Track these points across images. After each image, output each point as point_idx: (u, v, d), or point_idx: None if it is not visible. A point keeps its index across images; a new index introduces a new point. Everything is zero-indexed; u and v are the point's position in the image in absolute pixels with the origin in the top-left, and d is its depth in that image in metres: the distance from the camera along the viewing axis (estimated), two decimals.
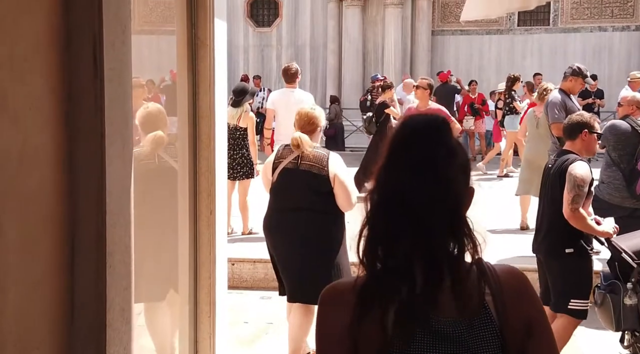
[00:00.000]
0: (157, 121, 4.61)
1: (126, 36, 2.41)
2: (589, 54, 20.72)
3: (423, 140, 1.64)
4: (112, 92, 2.29)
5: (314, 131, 4.99)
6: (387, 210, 1.62)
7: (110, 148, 2.28)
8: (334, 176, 4.76)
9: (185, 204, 4.09)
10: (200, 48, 4.04)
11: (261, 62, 22.78)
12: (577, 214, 4.69)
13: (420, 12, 21.12)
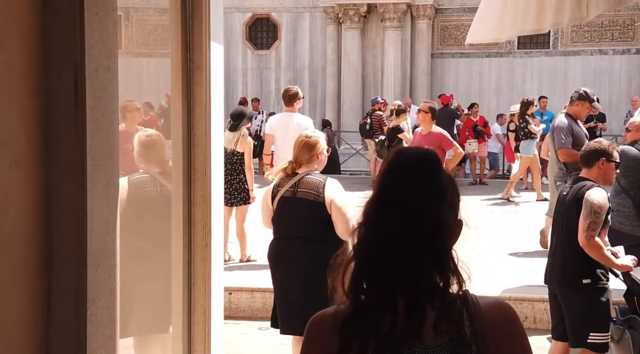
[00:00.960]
0: (159, 147, 4.43)
1: (112, 62, 2.21)
2: (589, 77, 20.60)
3: (412, 178, 1.67)
4: (95, 123, 2.09)
5: (311, 158, 4.79)
6: (373, 245, 1.64)
7: (92, 184, 2.07)
8: (330, 202, 4.57)
9: (180, 236, 3.87)
10: (196, 72, 3.85)
11: (260, 84, 22.65)
12: (593, 243, 4.49)
13: (419, 35, 21.03)
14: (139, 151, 4.33)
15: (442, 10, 21.45)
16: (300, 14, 22.27)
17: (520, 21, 3.19)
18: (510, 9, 3.51)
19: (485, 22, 4.22)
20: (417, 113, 8.86)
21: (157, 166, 4.36)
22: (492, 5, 4.05)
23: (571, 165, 7.25)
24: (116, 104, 2.24)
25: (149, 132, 4.41)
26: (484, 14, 4.31)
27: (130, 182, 4.33)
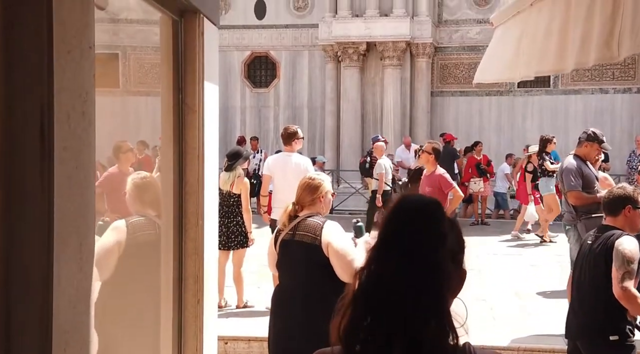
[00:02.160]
0: (153, 189, 4.16)
1: (88, 107, 1.94)
2: (590, 115, 20.45)
3: (412, 225, 1.68)
4: (65, 177, 1.81)
5: (314, 201, 4.56)
6: (371, 291, 1.65)
7: (61, 248, 1.79)
8: (327, 245, 4.34)
9: (169, 291, 3.57)
10: (188, 114, 3.58)
11: (258, 123, 22.49)
12: (629, 293, 4.19)
13: (419, 73, 20.91)
14: (134, 194, 4.05)
15: (442, 49, 21.37)
16: (299, 52, 22.19)
17: (538, 61, 2.96)
18: (525, 47, 3.27)
19: (497, 61, 3.98)
20: (420, 153, 8.60)
21: (152, 209, 4.08)
22: (504, 44, 3.82)
23: (581, 208, 6.98)
24: (92, 155, 1.97)
25: (143, 175, 4.14)
26: (494, 53, 4.08)
27: (128, 225, 4.04)
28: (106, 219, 3.91)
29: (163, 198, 3.59)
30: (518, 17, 3.51)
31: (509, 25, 3.75)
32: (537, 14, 3.09)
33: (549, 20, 2.84)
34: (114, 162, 5.04)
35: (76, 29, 1.86)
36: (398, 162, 18.15)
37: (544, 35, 2.88)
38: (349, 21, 20.36)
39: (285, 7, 22.20)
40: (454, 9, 21.37)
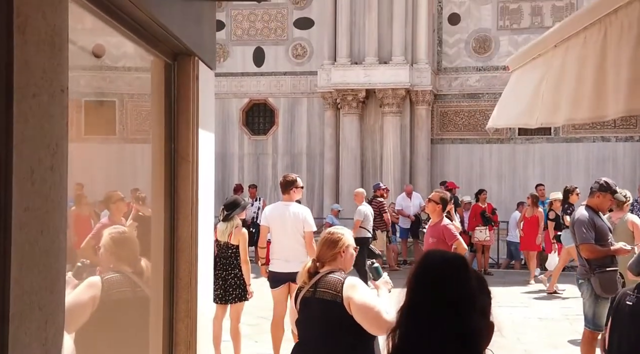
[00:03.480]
0: (131, 244, 3.85)
1: (58, 159, 1.65)
2: (592, 164, 20.24)
3: (439, 286, 1.72)
4: (27, 244, 1.51)
5: (335, 256, 4.30)
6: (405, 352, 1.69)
7: (18, 329, 1.48)
8: (348, 301, 4.09)
9: None
10: (181, 164, 3.30)
11: (256, 170, 22.24)
12: None
13: (419, 121, 20.73)
14: (110, 248, 3.73)
15: (441, 96, 21.25)
16: (297, 99, 22.07)
17: (568, 107, 2.68)
18: (547, 92, 3.01)
19: (513, 106, 3.72)
20: (426, 202, 8.31)
21: (129, 265, 3.76)
22: (521, 88, 3.56)
23: (595, 262, 6.68)
24: (63, 217, 1.67)
25: (121, 229, 3.82)
26: (510, 98, 3.82)
27: (104, 281, 3.71)
28: (86, 261, 3.59)
29: (153, 256, 3.28)
30: (539, 60, 3.27)
31: (528, 69, 3.50)
32: (562, 56, 2.85)
33: (580, 62, 2.59)
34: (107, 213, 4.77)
35: (44, 70, 1.58)
36: (398, 211, 17.88)
37: (575, 78, 2.62)
38: (348, 68, 20.26)
39: (284, 54, 22.16)
40: (453, 57, 21.32)
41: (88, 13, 2.42)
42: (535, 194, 15.62)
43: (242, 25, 22.38)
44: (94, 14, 2.43)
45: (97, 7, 2.41)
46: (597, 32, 2.42)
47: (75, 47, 2.69)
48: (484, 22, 21.03)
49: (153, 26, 2.78)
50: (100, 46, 2.92)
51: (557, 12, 20.52)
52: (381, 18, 20.23)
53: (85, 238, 3.64)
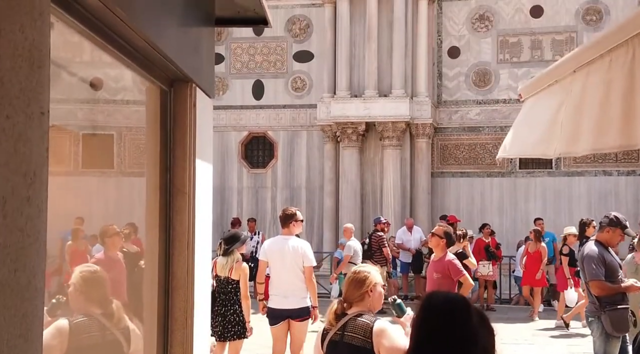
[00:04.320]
0: (102, 285, 3.63)
1: (36, 189, 1.46)
2: (594, 198, 20.07)
3: (443, 328, 1.78)
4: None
5: (362, 296, 4.14)
6: None
7: None
8: (378, 347, 3.97)
9: None
10: (177, 197, 3.12)
11: (255, 204, 22.05)
12: None
13: (419, 154, 20.61)
14: (80, 288, 3.50)
15: (442, 129, 21.15)
16: (297, 132, 21.96)
17: (592, 136, 2.51)
18: (567, 120, 2.83)
19: (526, 135, 3.54)
20: (430, 237, 8.12)
21: (99, 306, 3.53)
22: (536, 116, 3.38)
23: (605, 299, 6.47)
24: (41, 253, 1.48)
25: (92, 268, 3.61)
26: (523, 127, 3.63)
27: (72, 325, 3.47)
28: (61, 298, 3.38)
29: (145, 293, 3.08)
30: (555, 87, 3.10)
31: (543, 96, 3.33)
32: (582, 81, 2.68)
33: (605, 86, 2.42)
34: (102, 247, 4.59)
35: (20, 89, 1.40)
36: (398, 245, 17.67)
37: (599, 104, 2.45)
38: (347, 101, 20.20)
39: (283, 87, 22.11)
40: (453, 90, 21.28)
41: (82, 37, 2.25)
42: (537, 229, 15.44)
43: (241, 59, 22.36)
44: (86, 36, 2.27)
45: (91, 29, 2.25)
46: (624, 54, 2.27)
47: (74, 79, 2.54)
48: (484, 56, 21.02)
49: (148, 50, 2.62)
50: (98, 79, 2.77)
51: (557, 46, 20.53)
52: (381, 51, 20.22)
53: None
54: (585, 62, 2.67)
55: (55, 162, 2.45)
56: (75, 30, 2.17)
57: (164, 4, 2.67)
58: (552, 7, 20.58)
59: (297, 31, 21.99)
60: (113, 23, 2.26)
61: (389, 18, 20.20)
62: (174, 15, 2.86)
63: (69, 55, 2.34)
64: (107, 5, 2.15)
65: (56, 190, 2.67)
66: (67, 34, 2.21)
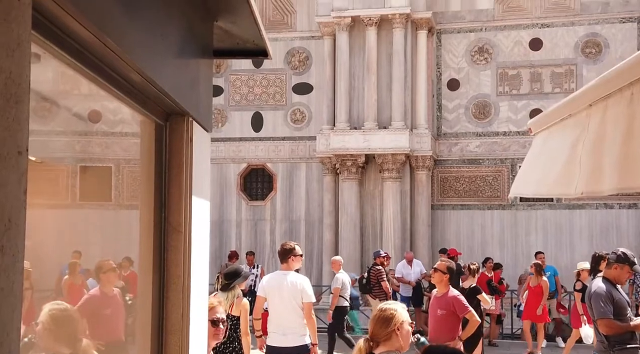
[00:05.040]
0: (72, 324, 3.44)
1: (11, 237, 1.32)
2: (596, 231, 19.90)
3: None
4: None
5: (389, 335, 3.98)
6: None
7: None
8: None
9: None
10: (172, 235, 2.97)
11: (254, 237, 21.86)
12: None
13: (419, 186, 20.48)
14: (48, 326, 3.31)
15: (442, 162, 21.06)
16: (296, 164, 21.86)
17: (616, 173, 2.36)
18: (586, 157, 2.69)
19: (541, 172, 3.38)
20: (432, 272, 7.94)
21: (67, 346, 3.35)
22: (551, 153, 3.24)
23: (614, 338, 6.28)
24: (15, 312, 1.33)
25: (62, 306, 3.42)
26: (537, 163, 3.49)
27: None
28: (32, 338, 3.20)
29: (137, 341, 2.92)
30: (569, 121, 2.96)
31: (556, 131, 3.19)
32: (601, 115, 2.54)
33: (627, 120, 2.28)
34: (97, 283, 4.43)
35: None
36: (398, 278, 17.44)
37: (622, 140, 2.30)
38: (347, 133, 20.12)
39: (282, 119, 22.06)
40: (453, 122, 21.22)
41: (71, 69, 2.12)
42: (538, 263, 15.18)
43: (240, 91, 22.34)
44: (76, 69, 2.14)
45: (82, 62, 2.11)
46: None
47: (69, 112, 2.41)
48: (483, 88, 21.00)
49: (142, 82, 2.49)
50: (96, 111, 2.65)
51: (556, 79, 20.52)
52: (380, 83, 20.20)
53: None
54: (602, 96, 2.54)
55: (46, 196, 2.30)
56: (63, 61, 2.04)
57: (159, 35, 2.55)
58: (551, 40, 20.60)
59: (297, 63, 21.99)
60: (104, 54, 2.13)
61: (388, 50, 20.22)
62: (169, 47, 2.73)
63: (56, 88, 2.21)
64: (98, 36, 2.02)
65: (52, 223, 2.53)
66: (57, 66, 2.08)
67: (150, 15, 2.41)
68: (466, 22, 21.06)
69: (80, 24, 1.89)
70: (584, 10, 20.38)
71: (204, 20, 3.22)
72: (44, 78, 2.00)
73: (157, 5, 2.48)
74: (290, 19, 22.07)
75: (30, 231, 1.50)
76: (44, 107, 2.01)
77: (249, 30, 3.35)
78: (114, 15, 2.04)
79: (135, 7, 2.22)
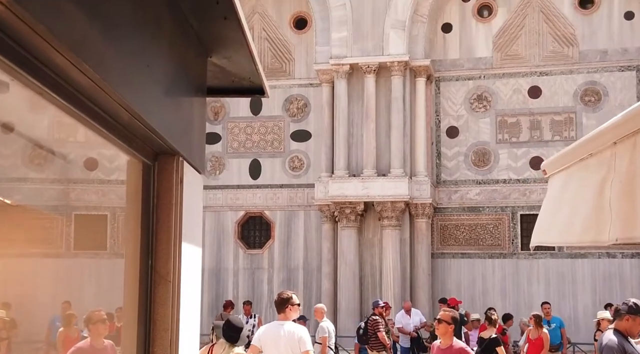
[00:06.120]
0: None
1: None
2: (599, 281, 19.60)
3: None
4: None
5: None
6: None
7: None
8: None
9: None
10: (160, 285, 2.73)
11: (252, 285, 21.51)
12: None
13: (419, 234, 20.23)
14: None
15: (441, 210, 20.84)
16: (294, 212, 21.64)
17: None
18: (616, 200, 2.46)
19: (565, 218, 3.14)
20: (436, 324, 7.62)
21: None
22: (574, 197, 3.00)
23: None
24: None
25: None
26: (558, 208, 3.25)
27: None
28: None
29: None
30: (591, 161, 2.75)
31: (576, 172, 2.96)
32: (629, 154, 2.33)
33: None
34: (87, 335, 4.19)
35: None
36: (398, 328, 17.04)
37: None
38: (345, 180, 19.95)
39: (280, 167, 21.91)
40: (453, 170, 21.07)
41: (48, 101, 1.91)
42: (538, 315, 14.72)
43: (238, 138, 22.23)
44: (52, 101, 1.94)
45: (60, 96, 1.91)
46: None
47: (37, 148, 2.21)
48: (483, 135, 20.90)
49: (129, 119, 2.28)
50: (92, 159, 2.44)
51: (556, 126, 20.44)
52: (379, 130, 20.12)
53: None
54: (629, 132, 2.34)
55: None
56: (36, 92, 1.83)
57: (145, 66, 2.34)
58: (550, 88, 20.58)
59: (295, 110, 21.93)
60: (81, 83, 1.92)
61: (387, 97, 20.18)
62: (158, 80, 2.53)
63: (30, 121, 2.00)
64: (81, 69, 1.81)
65: (40, 273, 2.30)
66: (31, 98, 1.88)
67: (134, 44, 2.21)
68: (465, 69, 21.06)
69: (53, 48, 1.69)
70: (582, 58, 20.40)
71: (197, 55, 3.03)
72: (12, 107, 1.79)
73: (143, 34, 2.28)
74: (288, 67, 22.08)
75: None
76: (10, 139, 1.80)
77: (244, 66, 3.16)
78: (91, 40, 1.84)
79: (116, 32, 2.02)
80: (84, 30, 1.78)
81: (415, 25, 20.54)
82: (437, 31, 21.30)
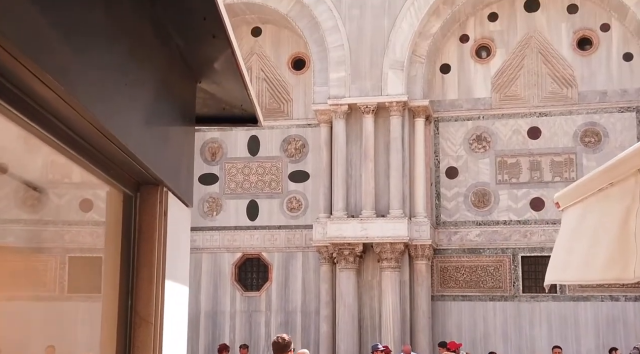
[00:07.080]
0: None
1: None
2: (602, 324, 19.22)
3: None
4: None
5: None
6: None
7: None
8: None
9: None
10: (140, 328, 2.49)
11: (249, 328, 21.10)
12: None
13: (418, 276, 19.90)
14: None
15: (441, 251, 20.54)
16: (292, 253, 21.34)
17: None
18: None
19: (583, 254, 2.90)
20: None
21: None
22: (592, 230, 2.78)
23: None
24: None
25: None
26: (575, 244, 3.02)
27: None
28: None
29: None
30: (612, 191, 2.53)
31: (594, 204, 2.73)
32: None
33: None
34: None
35: None
36: None
37: None
38: (344, 222, 19.70)
39: (278, 208, 21.67)
40: (452, 211, 20.83)
41: (22, 128, 1.70)
42: None
43: (235, 179, 22.04)
44: (27, 127, 1.73)
45: (33, 120, 1.70)
46: None
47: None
48: (482, 176, 20.71)
49: (104, 141, 2.07)
50: (88, 200, 2.24)
51: (556, 167, 20.27)
52: (378, 170, 19.95)
53: None
54: None
55: None
56: (8, 117, 1.62)
57: (123, 85, 2.14)
58: (550, 129, 20.45)
59: (293, 151, 21.77)
60: (48, 100, 1.71)
61: (385, 138, 20.05)
62: (140, 104, 2.33)
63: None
64: (58, 93, 1.60)
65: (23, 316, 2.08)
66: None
67: (107, 57, 2.00)
68: (464, 110, 20.97)
69: (16, 60, 1.48)
70: (581, 99, 20.32)
71: (184, 79, 2.83)
72: None
73: (118, 48, 2.08)
74: (286, 107, 22.00)
75: None
76: None
77: (236, 92, 2.96)
78: (51, 46, 1.63)
79: (83, 41, 1.82)
80: (42, 34, 1.57)
81: (414, 65, 20.50)
82: (435, 72, 21.25)
